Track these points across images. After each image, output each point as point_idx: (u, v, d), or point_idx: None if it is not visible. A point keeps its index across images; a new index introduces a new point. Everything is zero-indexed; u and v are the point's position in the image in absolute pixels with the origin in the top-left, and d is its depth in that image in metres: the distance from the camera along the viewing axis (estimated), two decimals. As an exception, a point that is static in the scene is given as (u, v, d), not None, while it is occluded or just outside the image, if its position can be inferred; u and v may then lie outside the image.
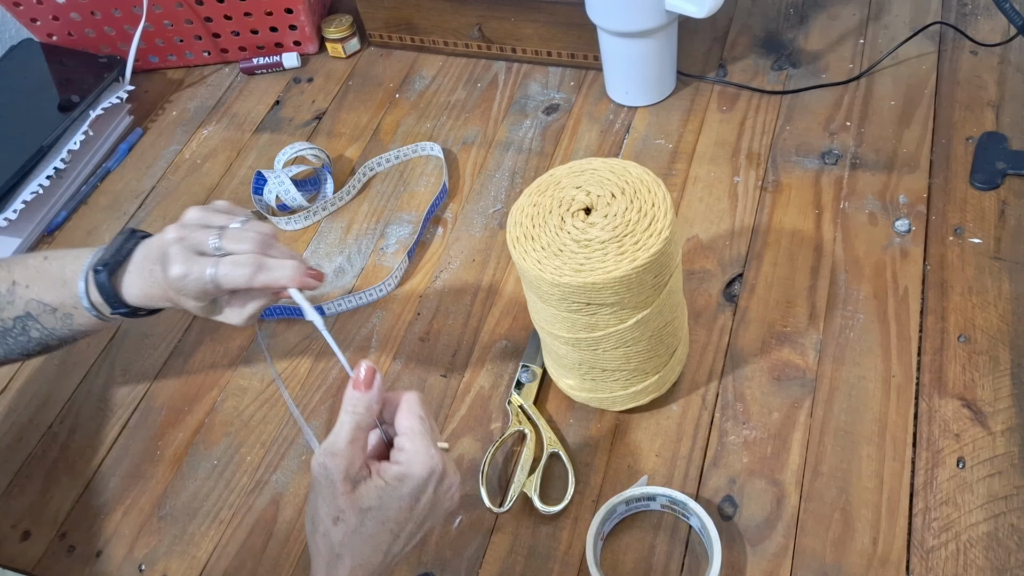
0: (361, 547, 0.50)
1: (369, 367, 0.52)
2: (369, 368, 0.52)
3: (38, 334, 0.64)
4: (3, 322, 0.63)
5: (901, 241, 0.74)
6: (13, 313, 0.63)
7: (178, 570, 0.66)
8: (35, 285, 0.63)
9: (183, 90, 1.05)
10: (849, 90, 0.87)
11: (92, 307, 0.61)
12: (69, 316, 0.62)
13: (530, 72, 0.97)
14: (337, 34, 1.02)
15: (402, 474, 0.50)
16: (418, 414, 0.52)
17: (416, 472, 0.50)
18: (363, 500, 0.50)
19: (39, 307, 0.63)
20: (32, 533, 0.70)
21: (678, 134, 0.87)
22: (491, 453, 0.67)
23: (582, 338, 0.59)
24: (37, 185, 0.89)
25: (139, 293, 0.59)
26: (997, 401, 0.64)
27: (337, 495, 0.49)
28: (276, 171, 0.87)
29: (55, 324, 0.63)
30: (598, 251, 0.54)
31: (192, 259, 0.56)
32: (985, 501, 0.60)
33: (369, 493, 0.50)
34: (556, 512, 0.63)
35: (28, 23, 1.02)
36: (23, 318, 0.63)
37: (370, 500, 0.50)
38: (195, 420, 0.74)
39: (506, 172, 0.88)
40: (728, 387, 0.68)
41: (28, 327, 0.63)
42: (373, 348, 0.76)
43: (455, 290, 0.79)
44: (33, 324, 0.63)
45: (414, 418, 0.52)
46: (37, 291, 0.62)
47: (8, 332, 0.64)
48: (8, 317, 0.63)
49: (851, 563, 0.59)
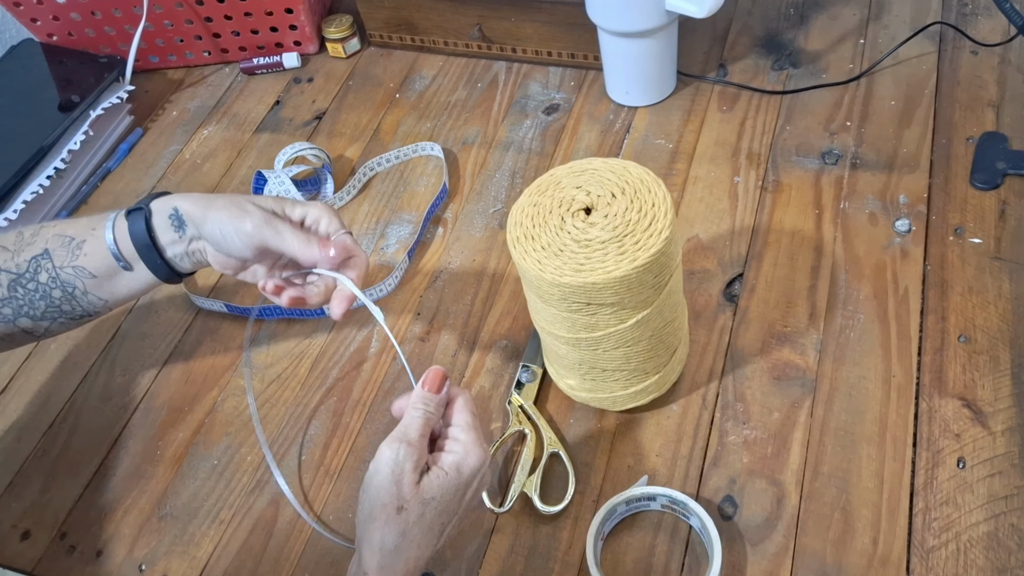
0: (420, 537, 0.51)
1: (441, 372, 0.56)
2: (441, 373, 0.56)
3: (46, 276, 0.63)
4: (19, 267, 0.63)
5: (901, 241, 0.74)
6: (31, 253, 0.63)
7: (178, 570, 0.66)
8: (63, 225, 0.64)
9: (183, 90, 1.05)
10: (849, 90, 0.87)
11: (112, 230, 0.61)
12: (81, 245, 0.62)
13: (530, 72, 0.97)
14: (337, 34, 1.02)
15: (459, 463, 0.53)
16: (471, 410, 0.56)
17: (471, 463, 0.53)
18: (427, 491, 0.52)
19: (58, 240, 0.63)
20: (32, 533, 0.70)
21: (678, 134, 0.87)
22: (491, 453, 0.67)
23: (582, 338, 0.59)
24: (37, 185, 0.89)
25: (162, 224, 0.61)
26: (997, 401, 0.64)
27: (404, 485, 0.51)
28: (276, 171, 0.87)
29: (65, 261, 0.62)
30: (598, 251, 0.54)
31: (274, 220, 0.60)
32: (985, 501, 0.60)
33: (431, 484, 0.52)
34: (556, 512, 0.63)
35: (28, 23, 1.02)
36: (38, 257, 0.63)
37: (432, 491, 0.52)
38: (195, 420, 0.74)
39: (506, 172, 0.88)
40: (728, 387, 0.68)
41: (39, 268, 0.63)
42: (373, 348, 0.76)
43: (455, 290, 0.79)
44: (45, 265, 0.63)
45: (467, 413, 0.55)
46: (63, 228, 0.63)
47: (20, 279, 0.63)
48: (24, 260, 0.63)
49: (851, 563, 0.59)
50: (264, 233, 0.59)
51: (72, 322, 0.65)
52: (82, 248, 0.62)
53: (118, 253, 0.62)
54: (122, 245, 0.62)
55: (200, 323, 0.81)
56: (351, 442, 0.71)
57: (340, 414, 0.73)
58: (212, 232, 0.60)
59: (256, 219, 0.59)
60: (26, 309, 0.64)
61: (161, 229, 0.62)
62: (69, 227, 0.63)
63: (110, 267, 0.63)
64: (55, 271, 0.63)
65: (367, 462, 0.69)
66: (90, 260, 0.62)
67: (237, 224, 0.59)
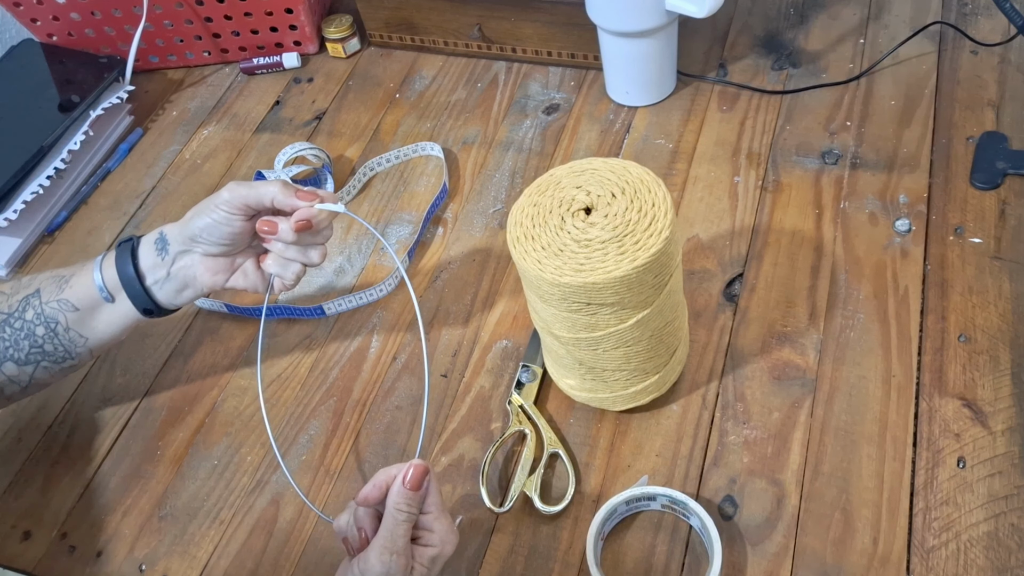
0: None
1: (423, 468, 0.54)
2: (423, 469, 0.54)
3: (32, 314, 0.64)
4: (10, 307, 0.65)
5: (901, 241, 0.74)
6: (23, 295, 0.65)
7: (178, 570, 0.66)
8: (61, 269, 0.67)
9: (183, 90, 1.05)
10: (849, 90, 0.87)
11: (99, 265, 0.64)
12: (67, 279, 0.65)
13: (530, 72, 0.97)
14: (337, 34, 1.02)
15: (436, 555, 0.54)
16: (437, 487, 0.56)
17: (447, 552, 0.54)
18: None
19: (50, 281, 0.65)
20: (33, 533, 0.70)
21: (678, 134, 0.87)
22: (491, 453, 0.67)
23: (582, 338, 0.59)
24: (37, 185, 0.89)
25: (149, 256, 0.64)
26: (997, 401, 0.64)
27: None
28: (276, 171, 0.87)
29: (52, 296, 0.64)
30: (598, 251, 0.54)
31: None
32: (985, 501, 0.60)
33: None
34: (556, 512, 0.63)
35: (28, 23, 1.02)
36: (29, 296, 0.65)
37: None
38: (195, 420, 0.74)
39: (506, 172, 0.88)
40: (728, 387, 0.68)
41: (27, 306, 0.65)
42: (373, 348, 0.76)
43: (455, 290, 0.79)
44: (34, 303, 0.65)
45: (436, 494, 0.55)
46: (59, 270, 0.66)
47: (9, 319, 0.65)
48: (16, 300, 0.65)
49: (851, 563, 0.59)
50: (239, 191, 0.61)
51: (54, 365, 0.67)
52: (69, 282, 0.65)
53: (102, 284, 0.64)
54: (107, 275, 0.64)
55: (200, 323, 0.81)
56: (351, 442, 0.71)
57: (340, 414, 0.73)
58: (200, 224, 0.62)
59: (228, 186, 0.61)
60: (11, 351, 0.65)
61: (145, 255, 0.65)
62: (64, 268, 0.66)
63: (93, 299, 0.65)
64: (41, 307, 0.65)
65: (367, 462, 0.69)
66: (74, 292, 0.65)
67: (214, 201, 0.62)
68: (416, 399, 0.72)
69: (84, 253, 0.90)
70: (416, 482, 0.53)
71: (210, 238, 0.62)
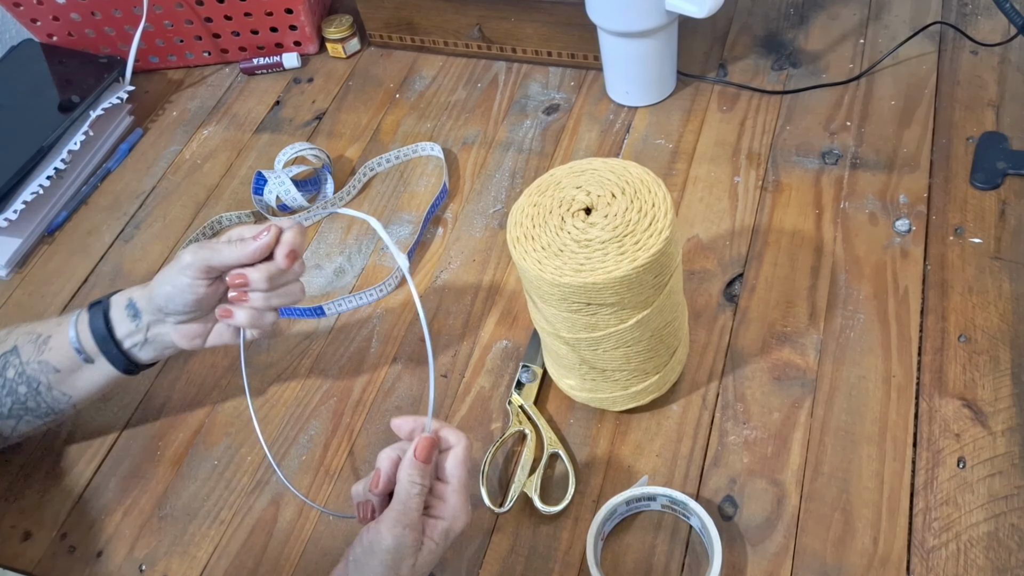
0: None
1: (430, 441, 0.54)
2: (430, 442, 0.54)
3: (12, 372, 0.65)
4: None
5: (901, 241, 0.74)
6: (2, 350, 0.65)
7: (178, 570, 0.66)
8: (34, 323, 0.67)
9: (183, 90, 1.05)
10: (849, 90, 0.87)
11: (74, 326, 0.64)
12: (47, 340, 0.65)
13: (530, 72, 0.97)
14: (337, 34, 1.02)
15: (447, 530, 0.54)
16: (467, 465, 0.55)
17: (457, 528, 0.54)
18: (422, 568, 0.52)
19: (27, 337, 0.65)
20: (33, 533, 0.70)
21: (678, 134, 0.87)
22: (491, 453, 0.67)
23: (582, 338, 0.59)
24: (37, 185, 0.89)
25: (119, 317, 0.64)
26: (997, 401, 0.64)
27: (403, 564, 0.51)
28: (276, 171, 0.87)
29: (31, 356, 0.65)
30: (598, 251, 0.54)
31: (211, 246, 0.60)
32: (985, 501, 0.60)
33: (426, 558, 0.52)
34: (556, 512, 0.63)
35: (28, 23, 1.02)
36: (7, 354, 0.65)
37: (426, 565, 0.52)
38: (195, 420, 0.74)
39: (506, 172, 0.88)
40: (728, 387, 0.68)
41: (7, 365, 0.65)
42: (373, 348, 0.76)
43: (455, 290, 0.79)
44: (13, 361, 0.65)
45: (463, 469, 0.55)
46: (33, 327, 0.66)
47: None
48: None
49: (852, 563, 0.59)
50: (201, 254, 0.59)
51: (37, 420, 0.67)
52: (48, 343, 0.65)
53: (80, 347, 0.64)
54: (83, 338, 0.64)
55: (200, 323, 0.81)
56: (351, 442, 0.71)
57: (340, 414, 0.73)
58: (163, 293, 0.61)
59: (190, 249, 0.60)
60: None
61: (118, 321, 0.64)
62: (39, 325, 0.66)
63: (73, 361, 0.65)
64: (22, 367, 0.65)
65: (367, 462, 0.69)
66: (55, 355, 0.65)
67: (177, 265, 0.60)
68: (416, 399, 0.72)
69: (84, 253, 0.90)
70: (424, 454, 0.53)
71: (176, 307, 0.61)
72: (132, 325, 0.64)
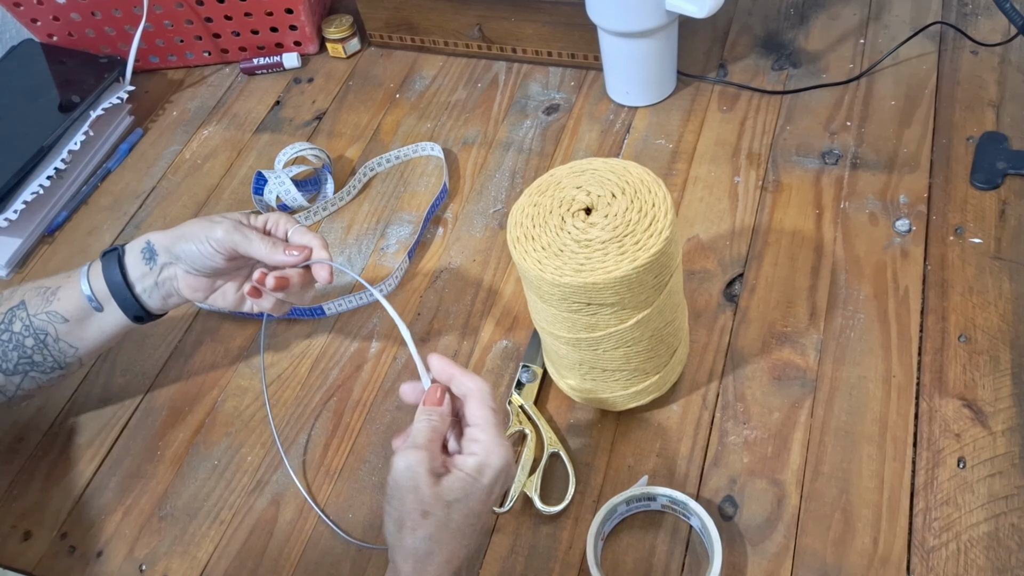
0: (449, 540, 0.51)
1: (438, 388, 0.56)
2: (438, 389, 0.56)
3: (19, 325, 0.65)
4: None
5: (901, 241, 0.74)
6: (7, 307, 0.66)
7: (179, 570, 0.66)
8: (40, 280, 0.67)
9: (183, 90, 1.05)
10: (849, 90, 0.87)
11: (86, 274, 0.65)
12: (55, 292, 0.65)
13: (530, 72, 0.97)
14: (337, 34, 1.02)
15: (482, 464, 0.52)
16: (490, 405, 0.54)
17: (494, 463, 0.52)
18: (448, 493, 0.51)
19: (34, 292, 0.66)
20: (33, 533, 0.70)
21: (678, 134, 0.87)
22: None
23: (582, 338, 0.59)
24: (38, 185, 0.89)
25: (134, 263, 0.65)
26: (998, 401, 0.64)
27: (422, 489, 0.50)
28: (276, 171, 0.87)
29: (39, 308, 0.65)
30: (598, 251, 0.54)
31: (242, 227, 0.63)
32: (986, 501, 0.60)
33: (453, 486, 0.51)
34: (556, 512, 0.63)
35: (28, 23, 1.02)
36: (14, 308, 0.66)
37: (455, 492, 0.51)
38: (195, 420, 0.74)
39: (506, 172, 0.88)
40: (728, 387, 0.68)
41: (14, 319, 0.66)
42: (373, 348, 0.76)
43: (455, 290, 0.79)
44: (20, 314, 0.65)
45: (487, 409, 0.54)
46: (40, 281, 0.67)
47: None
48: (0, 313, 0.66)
49: (852, 563, 0.59)
50: (234, 237, 0.62)
51: (43, 376, 0.68)
52: (56, 294, 0.66)
53: (91, 294, 0.65)
54: (95, 285, 0.65)
55: (200, 323, 0.81)
56: (352, 442, 0.71)
57: (340, 414, 0.73)
58: (186, 249, 0.63)
59: (225, 225, 0.62)
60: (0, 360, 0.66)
61: (132, 265, 0.65)
62: (46, 280, 0.67)
63: (82, 309, 0.66)
64: (28, 319, 0.65)
65: (368, 462, 0.69)
66: (63, 304, 0.65)
67: (208, 233, 0.62)
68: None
69: (84, 253, 0.90)
70: (431, 399, 0.55)
71: (192, 264, 0.64)
72: (146, 267, 0.65)
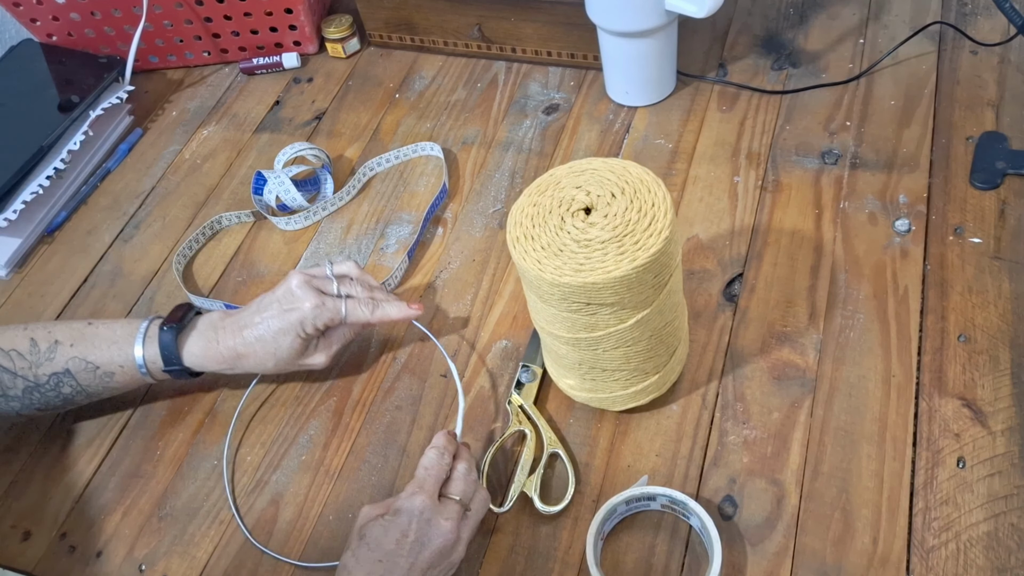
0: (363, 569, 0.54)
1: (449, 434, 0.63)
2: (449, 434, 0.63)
3: (69, 390, 0.67)
4: (37, 378, 0.66)
5: (901, 241, 0.74)
6: (51, 370, 0.66)
7: (178, 570, 0.66)
8: (80, 345, 0.67)
9: (183, 90, 1.05)
10: (849, 90, 0.87)
11: (144, 364, 0.67)
12: (111, 375, 0.67)
13: (530, 72, 0.97)
14: (337, 34, 1.02)
15: (399, 505, 0.56)
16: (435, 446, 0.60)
17: (406, 506, 0.56)
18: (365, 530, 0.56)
19: (81, 364, 0.67)
20: (32, 533, 0.70)
21: (678, 134, 0.87)
22: (491, 453, 0.67)
23: (582, 338, 0.59)
24: (37, 185, 0.89)
25: (199, 353, 0.67)
26: (997, 401, 0.64)
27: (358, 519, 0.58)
28: (276, 171, 0.87)
29: (92, 382, 0.67)
30: (598, 251, 0.54)
31: (322, 296, 0.67)
32: (985, 501, 0.60)
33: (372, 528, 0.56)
34: (556, 512, 0.63)
35: (28, 23, 1.02)
36: (60, 375, 0.67)
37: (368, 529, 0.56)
38: (195, 420, 0.74)
39: (506, 172, 0.88)
40: (728, 387, 0.68)
41: (61, 383, 0.67)
42: (373, 348, 0.76)
43: (455, 290, 0.79)
44: (68, 381, 0.67)
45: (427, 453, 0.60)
46: (82, 350, 0.67)
47: (38, 387, 0.67)
48: (44, 373, 0.66)
49: (851, 563, 0.59)
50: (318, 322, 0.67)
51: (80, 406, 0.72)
52: (112, 378, 0.68)
53: (152, 375, 0.68)
54: (150, 363, 0.68)
55: (200, 323, 0.81)
56: (351, 442, 0.71)
57: (340, 414, 0.73)
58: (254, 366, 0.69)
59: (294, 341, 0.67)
60: (39, 406, 0.68)
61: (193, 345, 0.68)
62: (88, 350, 0.67)
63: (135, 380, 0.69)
64: (80, 387, 0.68)
65: (367, 462, 0.69)
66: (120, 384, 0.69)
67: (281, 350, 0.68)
68: (416, 399, 0.72)
69: (84, 253, 0.89)
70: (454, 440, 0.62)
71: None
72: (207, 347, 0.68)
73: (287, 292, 0.67)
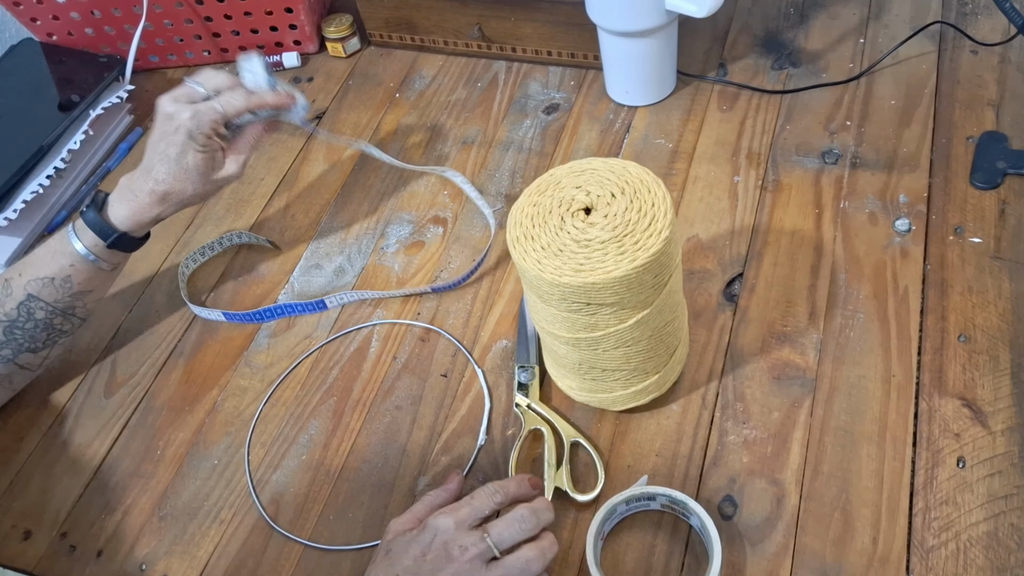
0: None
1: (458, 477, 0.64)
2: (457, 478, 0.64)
3: (42, 313, 0.69)
4: (7, 315, 0.69)
5: (901, 240, 0.74)
6: (15, 303, 0.69)
7: (179, 570, 0.66)
8: (27, 269, 0.70)
9: (183, 90, 1.05)
10: (849, 89, 0.87)
11: (88, 251, 0.69)
12: (68, 279, 0.69)
13: (530, 72, 0.97)
14: (337, 33, 1.02)
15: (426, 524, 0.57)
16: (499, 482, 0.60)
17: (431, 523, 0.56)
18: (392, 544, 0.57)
19: (37, 285, 0.69)
20: (33, 533, 0.70)
21: (678, 134, 0.87)
22: (514, 459, 0.66)
23: (582, 338, 0.59)
24: (37, 185, 0.89)
25: (127, 214, 0.70)
26: (997, 401, 0.64)
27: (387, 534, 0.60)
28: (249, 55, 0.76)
29: (56, 295, 0.69)
30: (598, 251, 0.54)
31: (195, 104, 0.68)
32: (985, 500, 0.60)
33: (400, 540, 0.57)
34: (593, 498, 0.63)
35: (28, 23, 1.02)
36: (25, 302, 0.69)
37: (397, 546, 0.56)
38: (195, 420, 0.74)
39: (506, 172, 0.88)
40: (728, 387, 0.68)
41: (32, 309, 0.69)
42: (373, 348, 0.76)
43: (455, 290, 0.79)
44: (36, 304, 0.69)
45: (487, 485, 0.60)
46: (32, 272, 0.70)
47: (14, 324, 0.69)
48: (11, 308, 0.69)
49: (851, 563, 0.59)
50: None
51: (69, 336, 0.74)
52: (71, 282, 0.70)
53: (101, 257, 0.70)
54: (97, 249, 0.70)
55: (200, 323, 0.81)
56: (351, 442, 0.71)
57: (340, 414, 0.73)
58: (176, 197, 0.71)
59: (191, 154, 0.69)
60: (27, 344, 0.70)
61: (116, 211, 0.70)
62: (37, 270, 0.70)
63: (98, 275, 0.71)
64: (48, 305, 0.70)
65: (367, 462, 0.69)
66: (83, 282, 0.71)
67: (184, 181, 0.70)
68: (415, 399, 0.72)
69: (84, 253, 0.90)
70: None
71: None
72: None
73: (164, 117, 0.68)
